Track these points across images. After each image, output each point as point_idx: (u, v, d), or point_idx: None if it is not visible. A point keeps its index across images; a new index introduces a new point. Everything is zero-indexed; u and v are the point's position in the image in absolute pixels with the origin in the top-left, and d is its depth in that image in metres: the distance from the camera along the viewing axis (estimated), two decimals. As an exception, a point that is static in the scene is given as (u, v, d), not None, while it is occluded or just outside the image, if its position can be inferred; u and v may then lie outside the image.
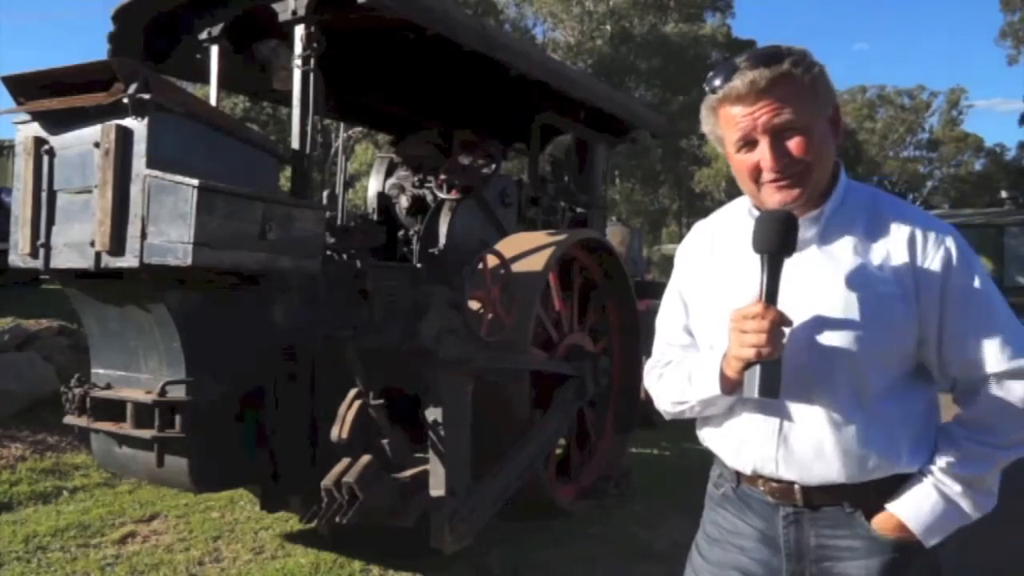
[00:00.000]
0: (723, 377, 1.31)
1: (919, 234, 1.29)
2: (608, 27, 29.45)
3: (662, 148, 26.72)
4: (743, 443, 1.38)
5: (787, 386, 1.25)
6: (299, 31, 3.36)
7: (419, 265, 4.30)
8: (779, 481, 1.35)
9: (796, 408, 1.31)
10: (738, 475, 1.43)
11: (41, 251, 2.99)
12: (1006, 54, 34.03)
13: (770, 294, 1.25)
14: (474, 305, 3.60)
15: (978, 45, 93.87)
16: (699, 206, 31.72)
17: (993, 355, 1.26)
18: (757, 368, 1.22)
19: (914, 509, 1.30)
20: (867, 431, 1.28)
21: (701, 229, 1.56)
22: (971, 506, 1.30)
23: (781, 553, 1.37)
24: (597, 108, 5.02)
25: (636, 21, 30.05)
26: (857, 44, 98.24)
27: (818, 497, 1.33)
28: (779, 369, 1.22)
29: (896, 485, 1.32)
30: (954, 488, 1.29)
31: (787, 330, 1.24)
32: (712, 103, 1.33)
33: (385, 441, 3.13)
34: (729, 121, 1.31)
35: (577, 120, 5.29)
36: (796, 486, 1.34)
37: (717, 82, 1.30)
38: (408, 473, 3.17)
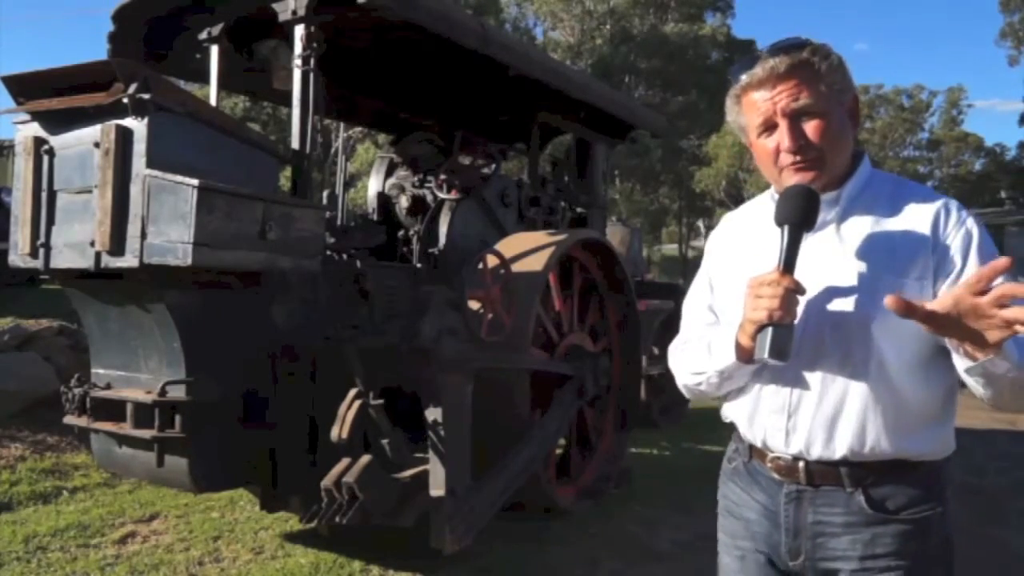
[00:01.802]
0: (737, 346, 1.35)
1: (940, 214, 1.33)
2: (608, 27, 29.44)
3: (662, 148, 26.71)
4: (756, 413, 1.44)
5: (802, 361, 1.32)
6: (299, 31, 3.36)
7: (419, 265, 4.30)
8: (785, 458, 1.40)
9: (808, 381, 1.35)
10: (751, 449, 1.49)
11: (41, 251, 2.99)
12: (1006, 55, 34.10)
13: (788, 263, 1.29)
14: (474, 305, 3.60)
15: (977, 46, 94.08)
16: (699, 206, 31.75)
17: None
18: (769, 330, 1.26)
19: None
20: (876, 406, 1.31)
21: (729, 218, 1.64)
22: None
23: (781, 528, 1.42)
24: (597, 108, 5.02)
25: (636, 21, 30.04)
26: (857, 44, 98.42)
27: (821, 476, 1.37)
28: (791, 334, 1.26)
29: (903, 470, 1.34)
30: None
31: (802, 301, 1.28)
32: (736, 92, 1.40)
33: (385, 441, 3.13)
34: (751, 106, 1.38)
35: (577, 120, 5.30)
36: (800, 463, 1.38)
37: (741, 71, 1.38)
38: (408, 473, 3.17)
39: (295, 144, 3.41)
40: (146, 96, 2.69)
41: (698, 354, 1.48)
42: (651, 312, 6.41)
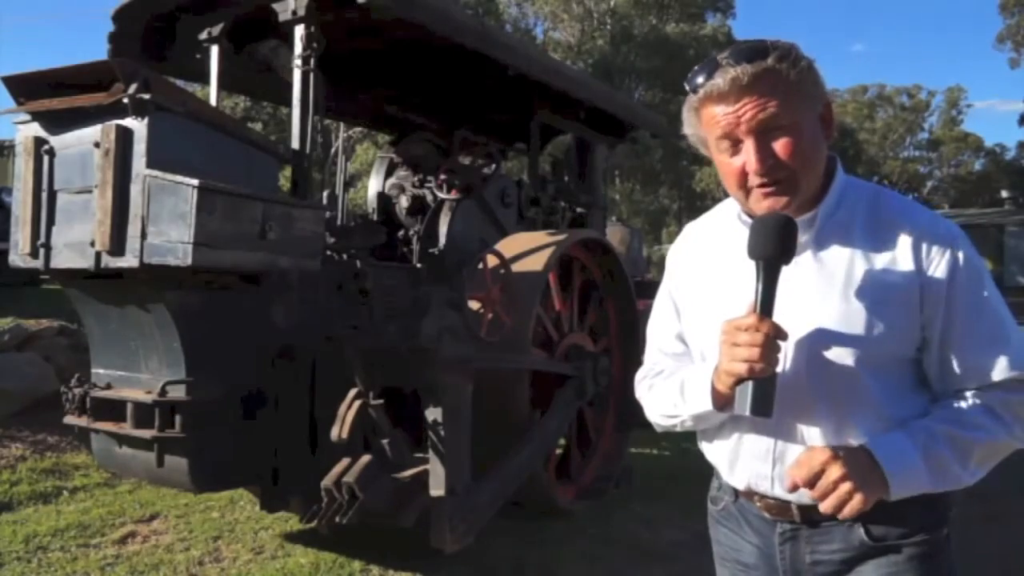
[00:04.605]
0: (715, 392, 1.24)
1: (924, 238, 1.21)
2: (608, 27, 29.45)
3: (662, 148, 26.71)
4: (737, 459, 1.34)
5: (782, 401, 1.17)
6: (299, 31, 3.36)
7: (419, 265, 4.31)
8: (775, 498, 1.31)
9: (792, 423, 1.25)
10: (735, 491, 1.39)
11: (41, 251, 2.99)
12: (1007, 57, 34.18)
13: (765, 305, 1.17)
14: (474, 305, 3.60)
15: (975, 47, 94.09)
16: (699, 206, 31.70)
17: (999, 364, 1.20)
18: (749, 384, 1.14)
19: (887, 444, 1.17)
20: None
21: (692, 231, 1.49)
22: (945, 469, 1.18)
23: (779, 571, 1.34)
24: (597, 108, 5.02)
25: (636, 21, 30.04)
26: (855, 45, 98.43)
27: (816, 513, 1.24)
28: (773, 386, 1.14)
29: (904, 500, 1.21)
30: (940, 441, 1.17)
31: (782, 343, 1.16)
32: (694, 103, 1.24)
33: (385, 441, 3.13)
34: (711, 121, 1.22)
35: (577, 120, 5.30)
36: (792, 504, 1.29)
37: (699, 80, 1.21)
38: (408, 473, 3.17)
39: (295, 144, 3.41)
40: (146, 96, 2.69)
41: (670, 395, 1.37)
42: (650, 312, 6.40)
